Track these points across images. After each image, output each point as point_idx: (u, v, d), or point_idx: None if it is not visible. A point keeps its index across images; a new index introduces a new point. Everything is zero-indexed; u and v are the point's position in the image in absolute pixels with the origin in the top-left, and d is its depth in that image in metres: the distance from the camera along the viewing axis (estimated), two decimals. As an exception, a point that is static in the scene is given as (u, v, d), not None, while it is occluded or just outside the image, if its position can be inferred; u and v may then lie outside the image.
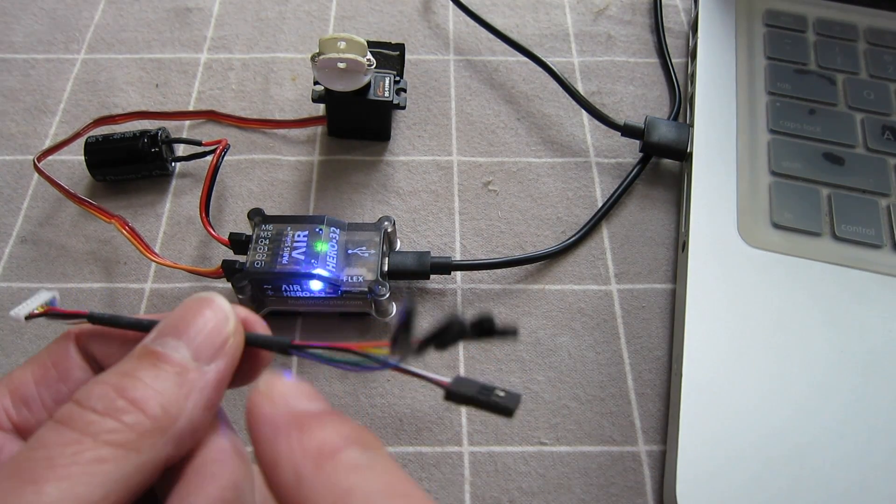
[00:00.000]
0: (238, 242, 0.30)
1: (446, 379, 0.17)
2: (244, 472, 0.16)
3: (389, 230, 0.31)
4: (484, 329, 0.16)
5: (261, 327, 0.19)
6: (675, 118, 0.38)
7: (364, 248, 0.30)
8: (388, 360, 0.17)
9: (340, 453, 0.15)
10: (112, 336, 0.19)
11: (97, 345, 0.19)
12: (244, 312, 0.18)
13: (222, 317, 0.17)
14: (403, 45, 0.37)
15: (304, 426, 0.15)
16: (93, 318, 0.18)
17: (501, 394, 0.17)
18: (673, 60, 0.41)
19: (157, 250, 0.33)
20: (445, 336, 0.16)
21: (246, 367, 0.18)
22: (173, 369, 0.16)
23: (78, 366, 0.18)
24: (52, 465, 0.14)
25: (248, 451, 0.17)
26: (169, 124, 0.37)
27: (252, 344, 0.18)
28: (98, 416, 0.15)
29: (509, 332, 0.16)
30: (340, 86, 0.33)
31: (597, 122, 0.37)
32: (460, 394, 0.17)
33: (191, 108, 0.38)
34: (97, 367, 0.19)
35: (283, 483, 0.14)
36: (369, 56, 0.33)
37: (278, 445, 0.15)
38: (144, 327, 0.18)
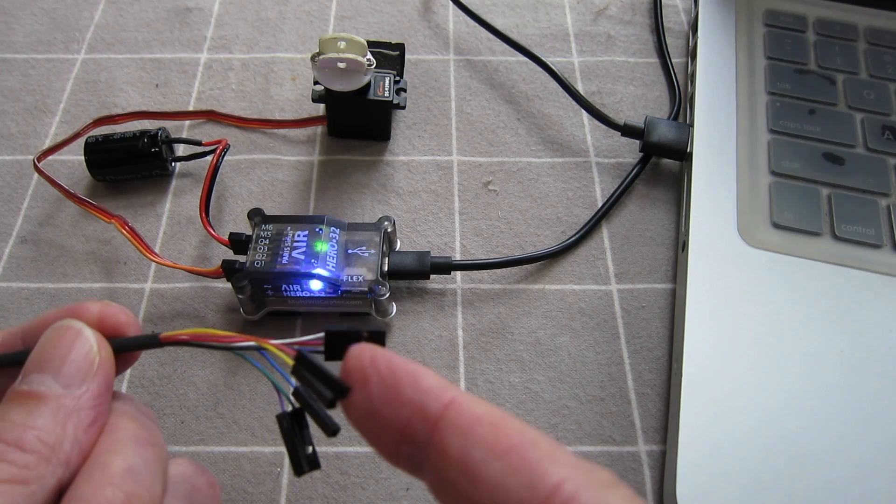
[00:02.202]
0: (238, 242, 0.30)
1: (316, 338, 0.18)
2: (143, 456, 0.17)
3: (389, 230, 0.31)
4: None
5: (129, 325, 0.19)
6: (675, 118, 0.38)
7: (364, 247, 0.30)
8: (248, 346, 0.18)
9: None
10: None
11: None
12: (111, 311, 0.19)
13: (83, 340, 0.18)
14: (403, 45, 0.37)
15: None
16: None
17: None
18: (673, 60, 0.41)
19: (157, 250, 0.33)
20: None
21: (123, 359, 0.19)
22: (45, 402, 0.16)
23: None
24: None
25: (160, 441, 0.18)
26: (169, 124, 0.37)
27: (122, 350, 0.19)
28: None
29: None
30: (340, 86, 0.33)
31: (597, 122, 0.37)
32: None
33: (191, 108, 0.38)
34: None
35: None
36: (369, 56, 0.33)
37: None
38: (8, 362, 0.18)
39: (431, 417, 0.15)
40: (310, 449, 0.18)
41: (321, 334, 0.18)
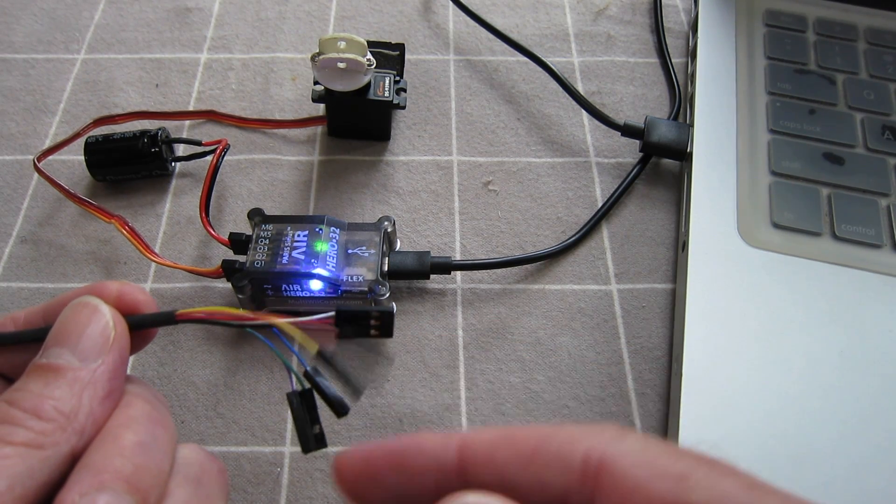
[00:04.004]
0: (238, 242, 0.30)
1: (330, 317, 0.19)
2: (154, 434, 0.18)
3: (389, 230, 0.31)
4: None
5: (146, 304, 0.20)
6: (675, 118, 0.38)
7: (364, 247, 0.30)
8: (261, 324, 0.19)
9: None
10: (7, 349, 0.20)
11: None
12: (129, 290, 0.20)
13: (99, 316, 0.18)
14: (403, 45, 0.37)
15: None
16: None
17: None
18: (673, 60, 0.41)
19: (157, 250, 0.33)
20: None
21: (140, 336, 0.20)
22: (62, 374, 0.17)
23: None
24: None
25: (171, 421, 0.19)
26: (169, 124, 0.37)
27: (138, 327, 0.19)
28: None
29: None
30: (340, 86, 0.33)
31: (597, 122, 0.37)
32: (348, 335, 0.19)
33: (191, 108, 0.38)
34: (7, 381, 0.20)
35: None
36: (369, 56, 0.33)
37: None
38: (30, 338, 0.19)
39: (453, 468, 0.15)
40: (317, 428, 0.19)
41: (332, 313, 0.18)
